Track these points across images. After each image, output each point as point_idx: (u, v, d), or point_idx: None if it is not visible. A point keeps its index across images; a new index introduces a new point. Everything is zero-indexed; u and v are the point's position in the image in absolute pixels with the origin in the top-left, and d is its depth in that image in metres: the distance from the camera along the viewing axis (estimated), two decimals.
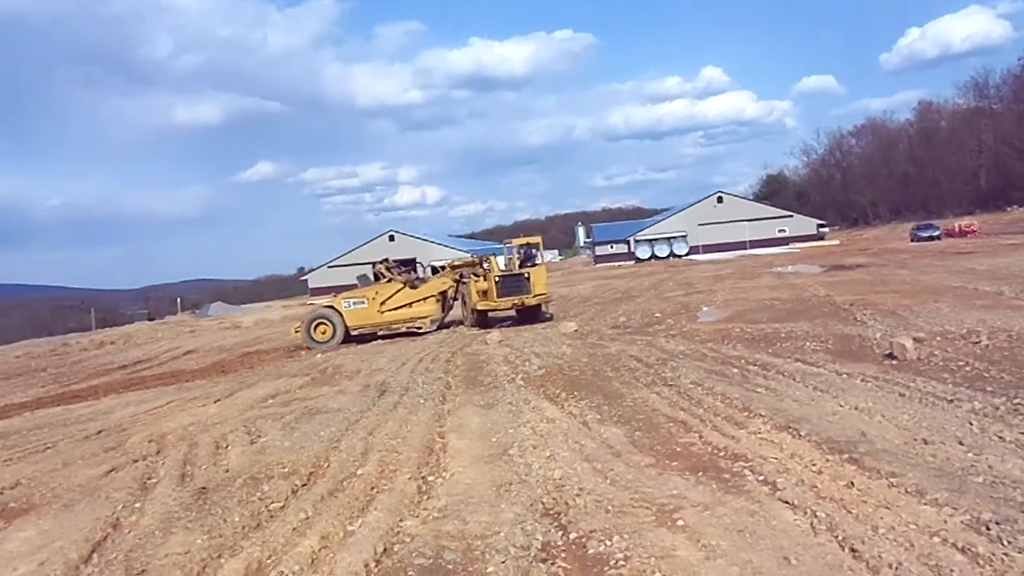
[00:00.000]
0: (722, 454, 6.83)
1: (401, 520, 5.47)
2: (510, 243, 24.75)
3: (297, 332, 23.03)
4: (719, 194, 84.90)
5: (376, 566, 4.69)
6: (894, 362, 10.77)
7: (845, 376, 10.02)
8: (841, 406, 8.38)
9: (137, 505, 6.14)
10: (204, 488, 6.44)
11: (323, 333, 22.56)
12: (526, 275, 22.91)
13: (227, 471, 7.06)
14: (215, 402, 12.42)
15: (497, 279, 22.72)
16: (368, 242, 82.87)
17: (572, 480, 6.17)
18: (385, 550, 4.93)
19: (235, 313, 53.22)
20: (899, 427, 7.37)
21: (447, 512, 5.62)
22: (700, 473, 6.33)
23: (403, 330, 23.22)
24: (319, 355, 20.20)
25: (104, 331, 42.50)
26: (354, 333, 22.88)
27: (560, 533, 5.15)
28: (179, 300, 70.27)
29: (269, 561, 4.82)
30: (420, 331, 23.04)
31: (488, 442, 7.68)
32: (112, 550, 5.16)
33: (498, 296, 22.43)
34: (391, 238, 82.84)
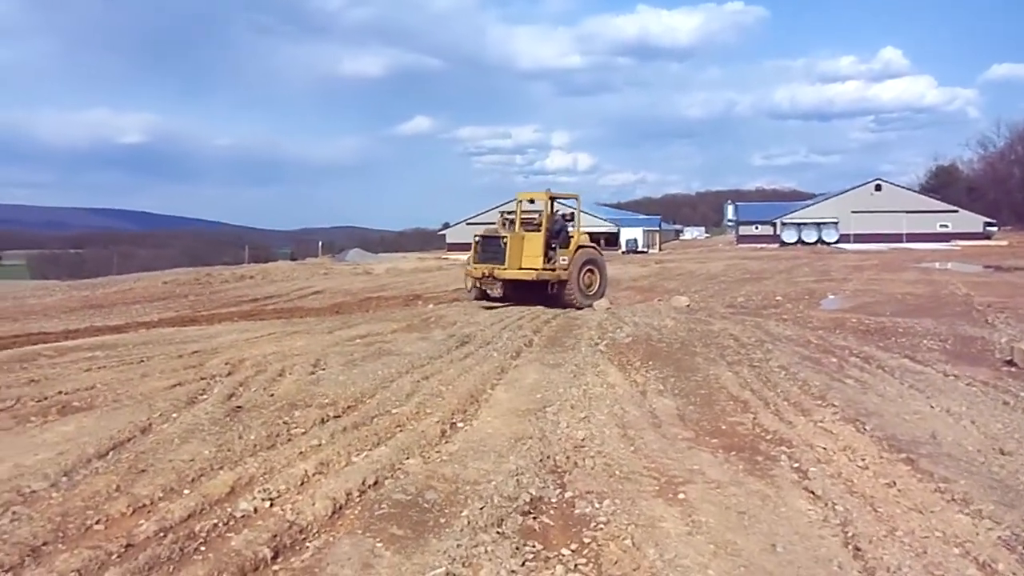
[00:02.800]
0: (768, 437, 6.46)
1: (407, 458, 5.48)
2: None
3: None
4: (877, 182, 79.92)
5: (358, 495, 4.72)
6: (1012, 369, 9.93)
7: (951, 378, 9.30)
8: (930, 407, 7.77)
9: (174, 415, 6.45)
10: (240, 408, 6.70)
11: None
12: (503, 239, 18.02)
13: (272, 395, 7.30)
14: (310, 335, 12.86)
15: (478, 239, 18.93)
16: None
17: (594, 442, 5.99)
18: (376, 483, 4.95)
19: (370, 260, 55.00)
20: (984, 434, 6.75)
21: (454, 456, 5.58)
22: (733, 452, 6.00)
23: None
24: (431, 305, 20.55)
25: (248, 266, 45.06)
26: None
27: (557, 490, 5.01)
28: (320, 243, 73.36)
29: (261, 477, 4.94)
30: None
31: (532, 398, 7.57)
32: (128, 450, 5.44)
33: (475, 261, 18.60)
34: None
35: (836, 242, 74.97)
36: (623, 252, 70.46)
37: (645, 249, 72.77)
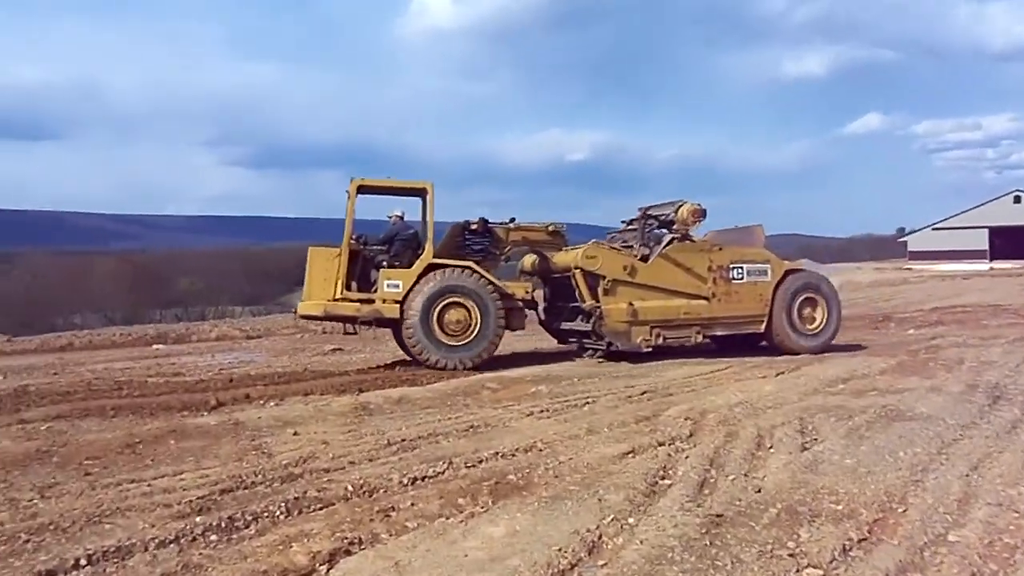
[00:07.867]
0: None
1: None
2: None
3: None
4: None
5: None
6: None
7: None
8: None
9: (631, 520, 4.64)
10: (720, 516, 4.66)
11: None
12: None
13: (759, 491, 5.19)
14: (776, 375, 10.74)
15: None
16: (985, 203, 70.65)
17: None
18: None
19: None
20: None
21: None
22: None
23: None
24: (911, 330, 17.24)
25: None
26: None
27: None
28: None
29: None
30: None
31: None
32: None
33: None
34: (1016, 199, 69.65)
35: None
36: None
37: None
